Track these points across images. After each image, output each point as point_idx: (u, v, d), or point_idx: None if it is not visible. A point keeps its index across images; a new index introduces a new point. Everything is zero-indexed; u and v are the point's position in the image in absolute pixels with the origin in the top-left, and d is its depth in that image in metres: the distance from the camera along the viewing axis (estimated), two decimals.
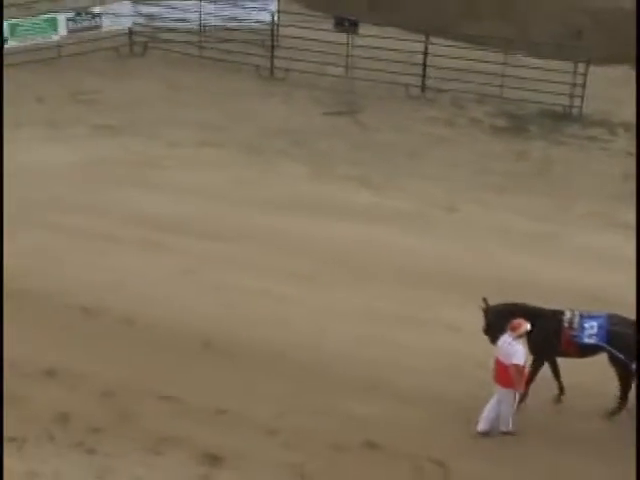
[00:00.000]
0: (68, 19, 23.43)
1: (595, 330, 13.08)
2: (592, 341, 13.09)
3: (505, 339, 12.51)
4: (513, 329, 12.48)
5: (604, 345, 13.02)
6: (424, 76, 23.00)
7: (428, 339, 14.03)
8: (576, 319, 13.19)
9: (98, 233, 16.89)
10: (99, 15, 23.70)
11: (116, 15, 23.73)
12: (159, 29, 23.92)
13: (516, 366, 12.39)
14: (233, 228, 17.02)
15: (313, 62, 22.51)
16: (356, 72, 22.80)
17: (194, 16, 23.72)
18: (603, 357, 12.98)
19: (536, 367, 13.40)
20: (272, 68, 23.22)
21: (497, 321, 13.10)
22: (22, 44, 23.08)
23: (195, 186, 18.56)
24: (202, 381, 13.67)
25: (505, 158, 20.69)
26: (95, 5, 23.68)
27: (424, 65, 22.88)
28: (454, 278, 14.94)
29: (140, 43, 24.01)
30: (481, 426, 12.73)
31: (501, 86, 22.65)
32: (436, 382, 13.67)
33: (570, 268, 16.37)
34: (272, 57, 23.20)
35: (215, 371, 13.92)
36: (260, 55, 23.08)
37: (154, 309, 15.12)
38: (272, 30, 23.21)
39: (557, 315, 13.28)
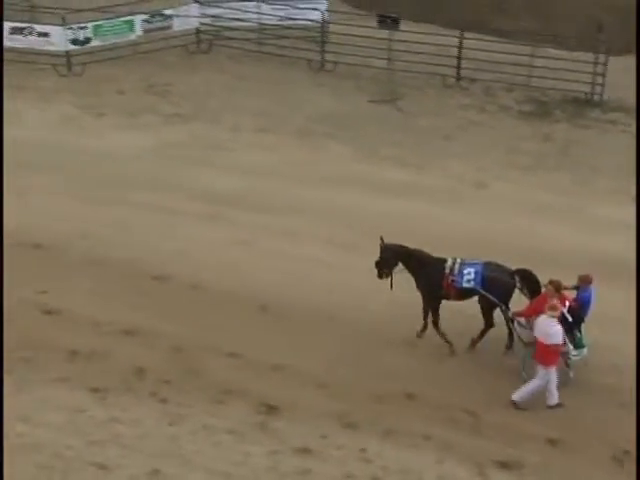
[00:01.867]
0: (143, 20, 23.43)
1: (472, 276, 13.05)
2: (469, 285, 13.09)
3: (544, 320, 12.09)
4: (551, 309, 12.06)
5: (478, 289, 13.00)
6: (459, 67, 22.70)
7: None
8: (456, 266, 13.16)
9: (168, 208, 16.97)
10: (170, 17, 23.66)
11: (185, 16, 23.67)
12: (223, 28, 23.83)
13: (555, 346, 12.06)
14: (286, 203, 16.98)
15: (359, 56, 22.32)
16: (397, 64, 22.55)
17: (253, 16, 23.60)
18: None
19: (429, 307, 13.42)
20: (322, 61, 23.06)
21: (388, 258, 13.19)
22: (104, 43, 23.13)
23: (253, 166, 18.54)
24: (260, 340, 13.68)
25: (532, 140, 20.39)
26: (167, 8, 23.61)
27: (459, 57, 22.58)
28: (483, 246, 14.73)
29: (206, 41, 23.95)
30: (515, 396, 12.38)
31: (529, 76, 22.34)
32: (467, 341, 13.55)
33: (590, 236, 16.12)
34: (322, 52, 23.05)
35: (272, 331, 13.93)
36: (311, 50, 22.93)
37: (217, 275, 15.16)
38: (322, 27, 23.03)
39: (441, 262, 13.23)
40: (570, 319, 12.48)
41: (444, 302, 13.41)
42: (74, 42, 22.85)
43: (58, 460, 11.61)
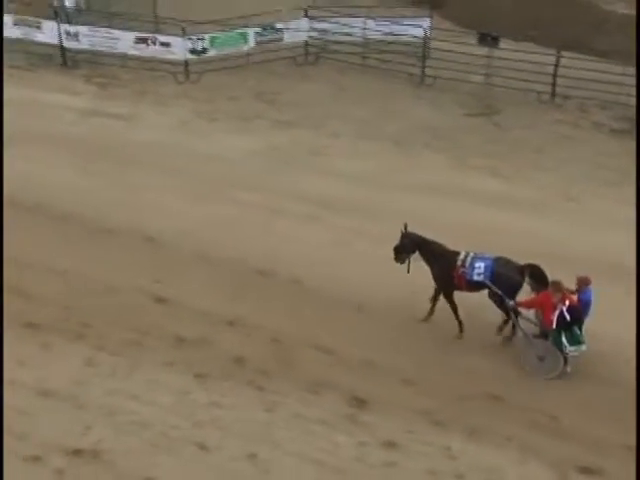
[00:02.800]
0: (256, 33, 23.67)
1: (482, 270, 13.05)
2: (479, 279, 13.07)
3: None
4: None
5: (487, 282, 13.00)
6: (554, 84, 22.25)
7: None
8: (468, 259, 13.18)
9: (271, 207, 17.08)
10: (281, 30, 23.84)
11: (295, 30, 23.81)
12: (330, 42, 23.88)
13: None
14: (380, 207, 16.88)
15: (458, 71, 22.04)
16: (494, 80, 22.25)
17: (359, 31, 23.59)
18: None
19: (443, 296, 13.57)
20: (422, 76, 22.89)
21: (406, 245, 13.53)
22: (219, 53, 23.44)
23: (351, 171, 18.50)
24: (354, 336, 13.65)
25: (621, 156, 19.82)
26: (278, 22, 23.78)
27: (554, 75, 22.13)
28: (568, 258, 14.42)
29: (314, 53, 24.05)
30: None
31: (623, 94, 21.74)
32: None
33: None
34: (423, 66, 22.86)
35: (365, 329, 13.88)
36: (413, 64, 22.78)
37: (315, 273, 15.16)
38: (424, 43, 22.85)
39: (453, 255, 13.30)
40: (568, 318, 12.48)
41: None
42: (192, 52, 23.24)
43: (163, 438, 11.80)
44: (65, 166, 18.18)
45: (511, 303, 12.95)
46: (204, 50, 23.41)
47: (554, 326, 12.54)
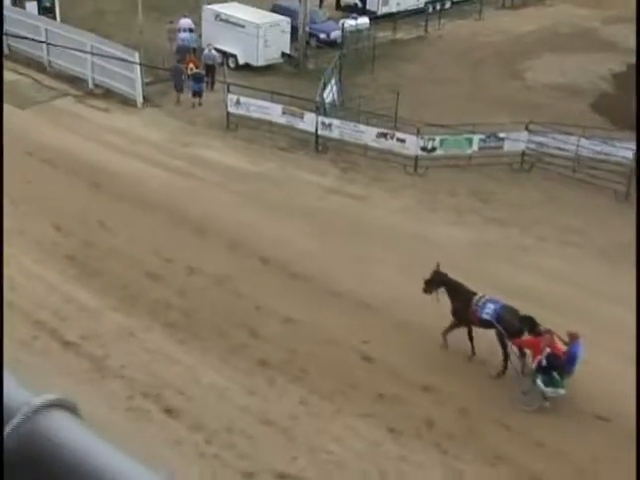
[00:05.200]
0: (480, 139, 23.74)
1: (490, 311, 13.97)
2: (487, 317, 13.94)
3: None
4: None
5: (493, 322, 13.88)
6: None
7: None
8: (481, 301, 14.18)
9: None
10: (503, 139, 23.77)
11: (515, 140, 23.66)
12: (545, 154, 23.52)
13: None
14: (577, 310, 15.87)
15: None
16: None
17: (572, 147, 23.08)
18: None
19: (457, 326, 14.47)
20: (627, 193, 21.94)
21: (434, 281, 14.75)
22: (446, 153, 23.69)
23: (551, 270, 17.87)
24: (531, 416, 13.16)
25: None
26: (501, 131, 23.71)
27: None
28: None
29: (529, 162, 23.76)
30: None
31: None
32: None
33: None
34: (629, 185, 21.91)
35: (543, 411, 13.35)
36: (619, 182, 21.88)
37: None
38: (637, 165, 21.84)
39: (470, 295, 14.35)
40: (544, 363, 13.09)
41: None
42: (423, 149, 23.62)
43: (353, 478, 11.86)
44: (308, 233, 18.93)
45: (509, 341, 13.78)
46: (433, 149, 23.75)
47: (534, 367, 13.33)
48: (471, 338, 14.57)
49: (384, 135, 23.76)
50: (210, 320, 15.34)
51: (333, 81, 26.95)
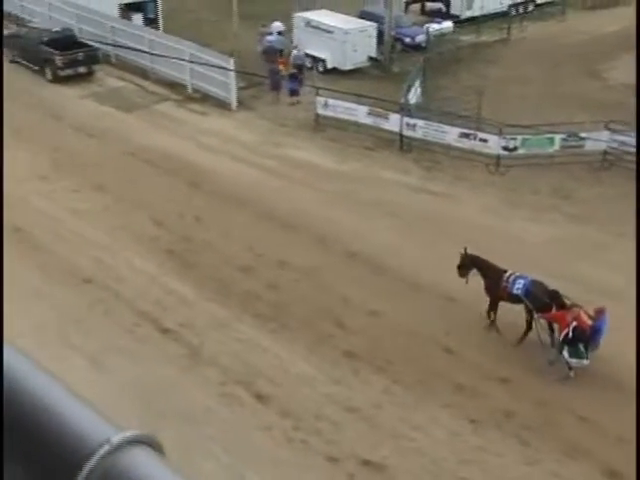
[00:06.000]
0: (562, 139, 23.11)
1: (520, 286, 14.15)
2: (517, 292, 14.13)
3: None
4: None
5: (523, 297, 14.10)
6: None
7: None
8: (512, 277, 14.32)
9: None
10: (584, 138, 23.05)
11: (596, 140, 22.89)
12: (626, 153, 22.70)
13: None
14: None
15: None
16: None
17: None
18: None
19: (494, 304, 14.58)
20: None
21: (466, 264, 14.90)
22: (527, 152, 23.16)
23: (633, 267, 17.15)
24: (620, 412, 12.74)
25: None
26: (583, 131, 22.98)
27: None
28: None
29: (609, 161, 22.99)
30: None
31: None
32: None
33: None
34: None
35: (620, 404, 12.91)
36: None
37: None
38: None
39: (501, 272, 14.49)
40: (571, 335, 13.16)
41: None
42: (505, 149, 23.16)
43: (434, 466, 11.77)
44: (392, 229, 18.85)
45: (537, 315, 13.94)
46: (515, 148, 23.25)
47: (560, 339, 13.42)
48: (495, 311, 14.78)
49: (467, 135, 23.42)
50: (298, 311, 15.46)
51: (417, 83, 26.72)
